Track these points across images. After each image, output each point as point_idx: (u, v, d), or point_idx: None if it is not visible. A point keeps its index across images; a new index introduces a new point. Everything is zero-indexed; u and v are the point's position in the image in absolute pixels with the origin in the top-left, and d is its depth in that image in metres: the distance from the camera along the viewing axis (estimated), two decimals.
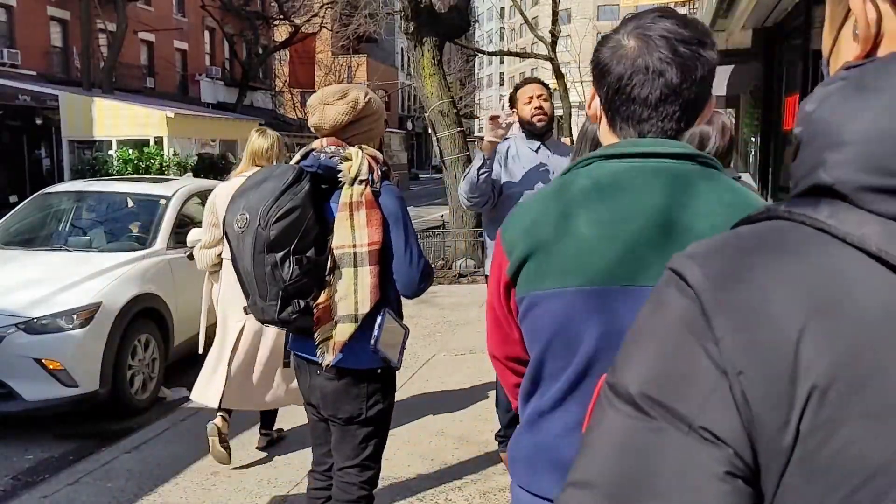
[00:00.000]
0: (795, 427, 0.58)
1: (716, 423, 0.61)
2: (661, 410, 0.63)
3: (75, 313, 5.28)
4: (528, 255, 1.39)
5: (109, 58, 23.48)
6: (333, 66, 39.60)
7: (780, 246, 0.64)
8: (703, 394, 0.62)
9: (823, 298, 0.60)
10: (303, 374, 2.74)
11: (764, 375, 0.60)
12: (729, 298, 0.63)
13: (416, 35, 11.08)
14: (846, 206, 0.61)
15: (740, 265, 0.65)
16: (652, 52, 1.33)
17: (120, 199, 7.26)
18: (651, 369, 0.66)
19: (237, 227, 2.46)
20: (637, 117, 1.37)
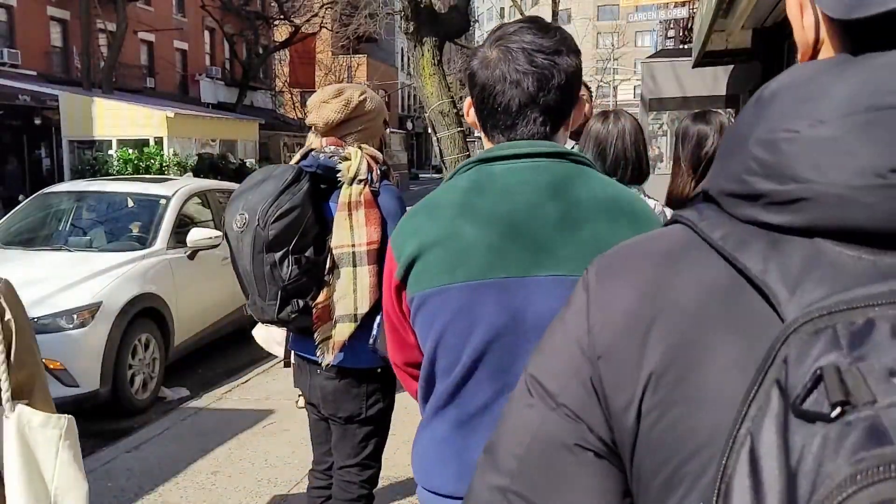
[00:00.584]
0: (637, 407, 0.64)
1: (574, 402, 0.69)
2: (538, 388, 0.72)
3: (75, 313, 5.29)
4: (416, 256, 1.44)
5: (109, 58, 23.47)
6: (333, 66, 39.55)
7: (658, 246, 0.70)
8: (568, 376, 0.70)
9: (674, 294, 0.65)
10: (303, 374, 2.74)
11: (617, 361, 0.67)
12: (603, 292, 0.71)
13: (415, 35, 11.06)
14: (717, 209, 0.65)
15: (621, 264, 0.73)
16: (510, 63, 1.41)
17: (120, 198, 7.27)
18: (541, 355, 0.75)
19: (236, 226, 2.46)
20: (503, 124, 1.45)
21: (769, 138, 0.59)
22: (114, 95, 22.03)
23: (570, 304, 0.75)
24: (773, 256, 0.58)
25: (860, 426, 0.45)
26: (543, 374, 0.73)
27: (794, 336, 0.52)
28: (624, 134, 2.76)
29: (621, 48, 50.96)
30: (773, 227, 0.59)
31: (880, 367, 0.47)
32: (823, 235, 0.56)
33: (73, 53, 26.88)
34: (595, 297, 0.72)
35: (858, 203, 0.54)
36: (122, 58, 25.26)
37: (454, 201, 1.45)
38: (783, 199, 0.58)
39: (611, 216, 1.38)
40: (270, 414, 5.41)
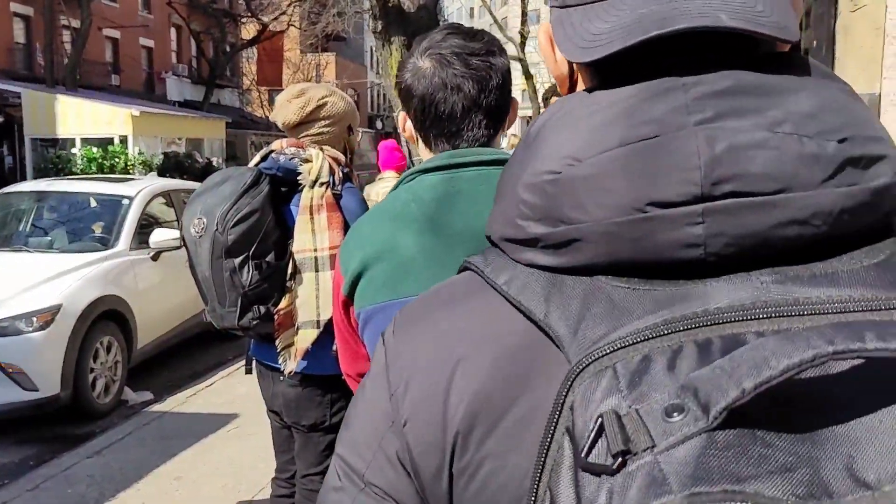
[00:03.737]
0: (448, 472, 0.60)
1: (383, 480, 0.64)
2: (345, 468, 0.66)
3: (35, 315, 5.19)
4: (361, 271, 1.43)
5: (73, 55, 23.10)
6: (302, 64, 39.31)
7: (450, 297, 0.67)
8: (374, 449, 0.65)
9: (467, 347, 0.61)
10: (265, 381, 2.70)
11: (422, 423, 0.62)
12: (399, 353, 0.66)
13: (384, 34, 11.04)
14: (499, 254, 0.64)
15: (418, 317, 0.68)
16: (447, 69, 1.41)
17: (82, 198, 7.16)
18: (347, 431, 0.69)
19: (194, 231, 2.41)
20: (448, 132, 1.45)
21: (534, 182, 0.59)
22: (78, 93, 21.68)
23: (371, 370, 0.70)
24: (554, 298, 0.57)
25: (640, 476, 0.43)
26: (349, 452, 0.67)
27: (578, 380, 0.50)
28: None
29: None
30: (554, 269, 0.58)
31: (657, 407, 0.45)
32: (602, 272, 0.56)
33: (36, 50, 26.45)
34: (393, 358, 0.66)
35: (624, 238, 0.54)
36: (86, 55, 24.89)
37: (397, 213, 1.44)
38: (556, 242, 0.57)
39: None
40: (235, 418, 5.35)
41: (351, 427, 0.69)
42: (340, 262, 1.49)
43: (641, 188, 0.53)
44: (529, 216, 0.59)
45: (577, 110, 0.60)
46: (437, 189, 1.42)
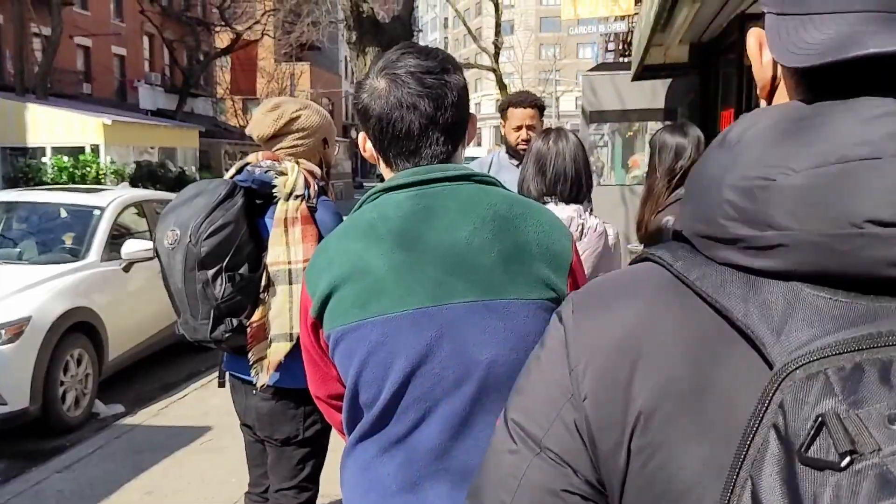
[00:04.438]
0: (627, 448, 0.65)
1: (559, 446, 0.69)
2: (520, 433, 0.72)
3: (3, 328, 5.11)
4: (329, 293, 1.42)
5: (44, 63, 22.86)
6: (276, 73, 39.23)
7: (636, 285, 0.71)
8: (551, 418, 0.70)
9: (657, 333, 0.66)
10: (238, 395, 2.68)
11: (603, 401, 0.67)
12: (584, 332, 0.71)
13: (358, 45, 11.05)
14: (692, 250, 0.67)
15: (601, 301, 0.73)
16: (402, 89, 1.42)
17: (52, 209, 7.06)
18: (521, 398, 0.75)
19: (167, 243, 2.39)
20: (406, 150, 1.46)
21: (744, 185, 0.61)
22: (48, 101, 21.47)
23: (544, 344, 0.75)
24: (752, 299, 0.60)
25: (870, 475, 0.48)
26: (525, 419, 0.72)
27: (787, 381, 0.54)
28: (564, 152, 2.78)
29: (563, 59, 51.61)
30: (751, 270, 0.61)
31: (877, 415, 0.50)
32: (801, 279, 0.59)
33: (5, 58, 26.14)
34: (574, 337, 0.72)
35: (836, 251, 0.57)
36: (57, 63, 24.65)
37: (363, 233, 1.44)
38: (761, 245, 0.60)
39: (502, 228, 1.39)
40: (208, 431, 5.29)
41: (525, 395, 0.74)
42: (307, 284, 1.48)
43: (858, 205, 0.56)
44: (734, 217, 0.61)
45: (786, 121, 0.62)
46: (403, 206, 1.42)
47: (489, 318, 1.35)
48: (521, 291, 1.36)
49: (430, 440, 1.37)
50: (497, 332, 1.35)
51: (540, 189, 2.71)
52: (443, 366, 1.35)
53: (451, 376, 1.36)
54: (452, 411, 1.36)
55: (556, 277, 1.38)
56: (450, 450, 1.37)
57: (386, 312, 1.37)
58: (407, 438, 1.39)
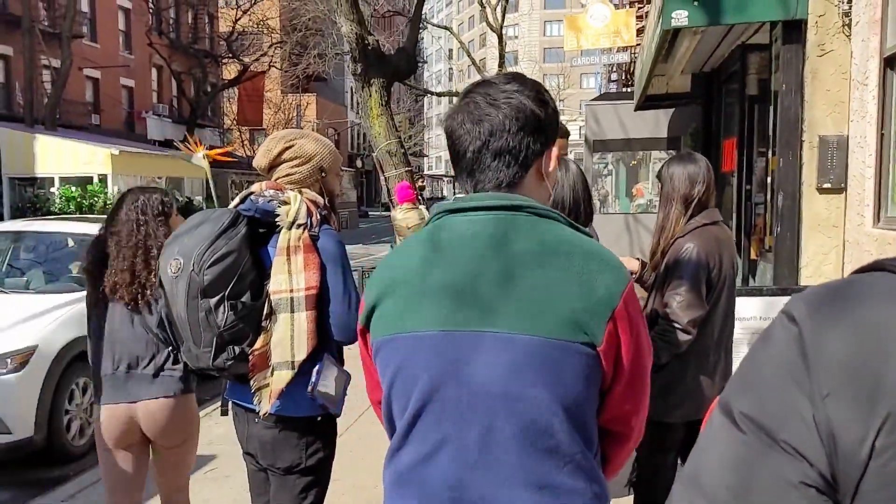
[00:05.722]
0: (871, 443, 0.68)
1: (795, 438, 0.72)
2: (750, 425, 0.75)
3: (9, 357, 5.14)
4: (376, 303, 1.50)
5: (53, 94, 23.10)
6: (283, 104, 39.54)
7: (879, 291, 0.75)
8: (787, 412, 0.73)
9: None
10: (240, 423, 2.69)
11: (847, 399, 0.70)
12: (824, 332, 0.74)
13: (363, 77, 11.12)
14: None
15: (840, 304, 0.75)
16: (469, 112, 1.47)
17: (59, 238, 7.11)
18: (748, 390, 0.78)
19: (170, 271, 2.42)
20: (467, 169, 1.50)
21: None
22: (57, 132, 21.65)
23: (770, 341, 0.79)
24: None
25: None
26: (757, 411, 0.75)
27: None
28: (564, 181, 2.82)
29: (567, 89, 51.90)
30: None
31: None
32: None
33: (15, 89, 26.42)
34: (812, 335, 0.74)
35: None
36: (66, 94, 24.91)
37: (414, 251, 1.50)
38: None
39: (542, 262, 1.39)
40: (212, 459, 5.29)
41: (754, 389, 0.77)
42: (365, 293, 1.56)
43: None
44: None
45: None
46: (453, 230, 1.47)
47: (510, 351, 1.35)
48: (549, 329, 1.34)
49: (443, 472, 1.39)
50: (515, 366, 1.34)
51: None
52: (459, 392, 1.38)
53: (465, 403, 1.37)
54: (465, 442, 1.37)
55: (591, 321, 1.34)
56: (463, 482, 1.37)
57: (416, 329, 1.42)
58: (418, 468, 1.42)
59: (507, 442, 1.34)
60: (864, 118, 5.07)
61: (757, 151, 7.64)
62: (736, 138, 8.30)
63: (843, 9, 5.50)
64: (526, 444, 1.34)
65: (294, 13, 27.46)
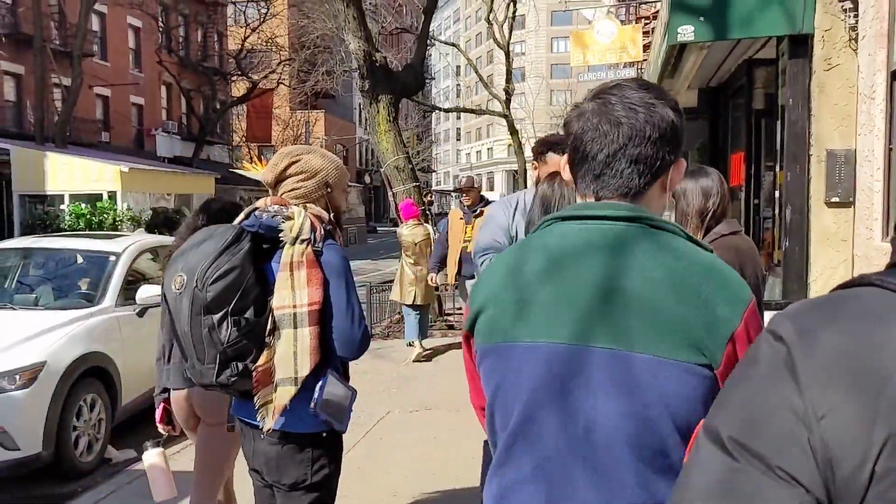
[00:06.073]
0: (871, 468, 0.64)
1: (791, 464, 0.69)
2: (743, 452, 0.71)
3: (18, 373, 5.15)
4: (482, 308, 1.45)
5: (63, 112, 23.28)
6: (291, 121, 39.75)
7: (864, 310, 0.72)
8: (781, 437, 0.70)
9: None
10: (246, 439, 2.68)
11: (844, 421, 0.67)
12: (816, 351, 0.71)
13: (371, 93, 11.22)
14: None
15: (829, 322, 0.72)
16: (604, 114, 1.39)
17: (68, 255, 7.15)
18: (738, 415, 0.74)
19: (174, 288, 2.42)
20: (592, 173, 1.42)
21: None
22: (67, 150, 21.80)
23: (756, 362, 0.75)
24: None
25: None
26: (747, 436, 0.72)
27: None
28: (569, 194, 2.82)
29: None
30: None
31: None
32: None
33: (26, 107, 26.64)
34: (802, 355, 0.71)
35: None
36: (77, 112, 25.09)
37: (524, 258, 1.44)
38: None
39: (660, 278, 1.31)
40: None
41: (742, 413, 0.73)
42: (470, 296, 1.52)
43: None
44: None
45: None
46: (566, 238, 1.40)
47: (623, 369, 1.28)
48: (665, 350, 1.27)
49: (548, 493, 1.33)
50: (628, 385, 1.28)
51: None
52: (565, 409, 1.31)
53: (571, 421, 1.31)
54: (573, 460, 1.31)
55: (710, 342, 1.26)
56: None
57: (522, 340, 1.38)
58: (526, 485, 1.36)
59: (619, 461, 1.28)
60: (872, 132, 5.06)
61: (764, 166, 7.64)
62: (743, 153, 8.30)
63: (850, 23, 5.50)
64: (640, 463, 1.28)
65: (302, 31, 27.65)
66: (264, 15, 31.97)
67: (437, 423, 6.30)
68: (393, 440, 5.90)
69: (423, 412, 6.68)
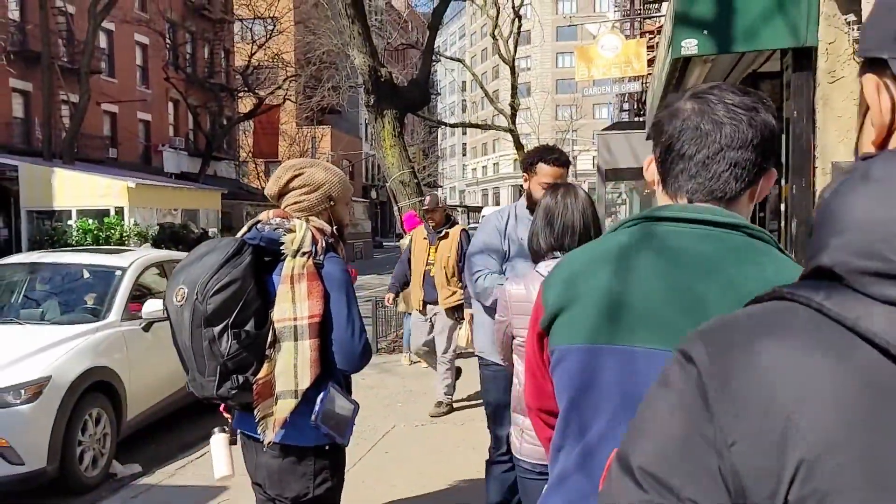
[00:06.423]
0: (784, 497, 0.60)
1: (702, 496, 0.64)
2: (654, 483, 0.67)
3: (23, 388, 5.14)
4: (562, 308, 1.40)
5: (71, 128, 23.43)
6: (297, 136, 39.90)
7: (780, 326, 0.67)
8: (692, 467, 0.65)
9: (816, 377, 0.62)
10: (249, 453, 2.68)
11: (754, 447, 0.62)
12: (727, 375, 0.66)
13: (376, 108, 11.27)
14: (843, 288, 0.63)
15: (740, 343, 0.68)
16: (705, 114, 1.35)
17: (75, 270, 7.17)
18: (649, 443, 0.70)
19: (176, 301, 2.43)
20: (686, 174, 1.36)
21: None
22: (75, 166, 21.92)
23: (668, 385, 0.71)
24: None
25: None
26: (657, 466, 0.68)
27: None
28: (572, 206, 2.82)
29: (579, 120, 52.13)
30: None
31: None
32: None
33: (34, 124, 26.82)
34: (712, 378, 0.67)
35: None
36: (84, 128, 25.24)
37: (607, 257, 1.38)
38: None
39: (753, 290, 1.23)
40: (225, 490, 5.26)
41: (653, 441, 0.69)
42: (543, 294, 1.45)
43: None
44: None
45: None
46: (656, 238, 1.34)
47: None
48: None
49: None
50: None
51: (549, 242, 2.75)
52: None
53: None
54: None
55: None
56: None
57: (617, 343, 1.32)
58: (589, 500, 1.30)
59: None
60: None
61: None
62: None
63: (853, 35, 5.51)
64: None
65: (308, 47, 27.82)
66: (271, 31, 32.16)
67: (442, 437, 6.27)
68: (398, 454, 5.88)
69: (428, 426, 6.66)
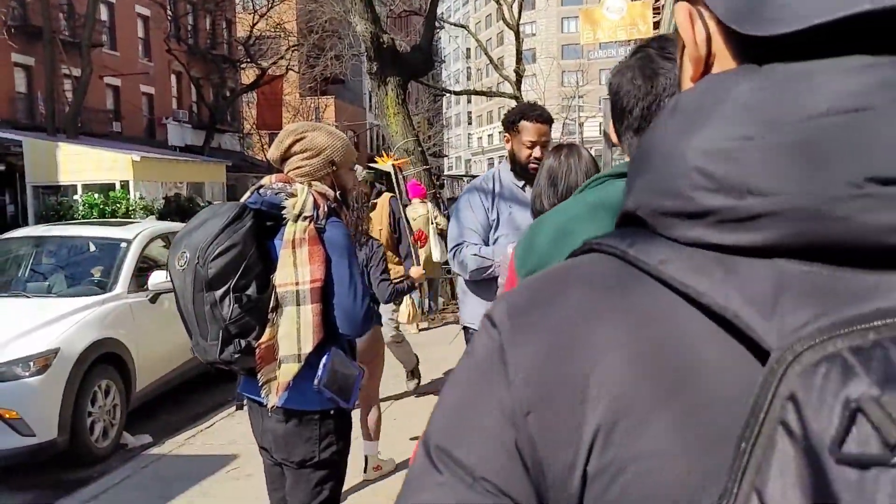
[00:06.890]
0: (582, 469, 0.54)
1: (498, 475, 0.57)
2: (448, 462, 0.59)
3: (32, 360, 5.18)
4: (529, 274, 1.39)
5: (74, 103, 23.34)
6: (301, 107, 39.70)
7: (582, 279, 0.60)
8: (487, 442, 0.58)
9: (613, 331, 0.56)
10: (255, 417, 2.69)
11: (551, 416, 0.56)
12: (520, 338, 0.60)
13: (379, 75, 11.19)
14: (647, 233, 0.58)
15: (541, 301, 0.61)
16: (642, 68, 1.36)
17: (80, 243, 7.19)
18: (445, 418, 0.62)
19: (178, 265, 2.42)
20: (633, 127, 1.38)
21: (717, 147, 0.52)
22: (79, 140, 21.88)
23: (473, 353, 0.63)
24: (732, 280, 0.51)
25: None
26: (453, 443, 0.60)
27: (793, 368, 0.45)
28: (575, 165, 2.78)
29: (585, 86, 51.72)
30: (724, 249, 0.52)
31: None
32: (785, 255, 0.50)
33: (37, 99, 26.75)
34: (512, 344, 0.60)
35: (832, 216, 0.48)
36: (87, 102, 25.16)
37: (576, 215, 1.40)
38: (739, 216, 0.51)
39: None
40: (235, 459, 5.30)
41: (452, 416, 0.62)
42: (516, 259, 1.47)
43: (858, 161, 0.48)
44: (705, 186, 0.52)
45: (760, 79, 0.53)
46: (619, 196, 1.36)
47: None
48: None
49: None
50: None
51: (553, 203, 2.72)
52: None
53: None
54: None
55: None
56: None
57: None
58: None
59: None
60: None
61: None
62: None
63: None
64: None
65: (311, 15, 27.58)
66: (272, 0, 31.88)
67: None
68: (406, 422, 5.90)
69: (435, 397, 6.67)
